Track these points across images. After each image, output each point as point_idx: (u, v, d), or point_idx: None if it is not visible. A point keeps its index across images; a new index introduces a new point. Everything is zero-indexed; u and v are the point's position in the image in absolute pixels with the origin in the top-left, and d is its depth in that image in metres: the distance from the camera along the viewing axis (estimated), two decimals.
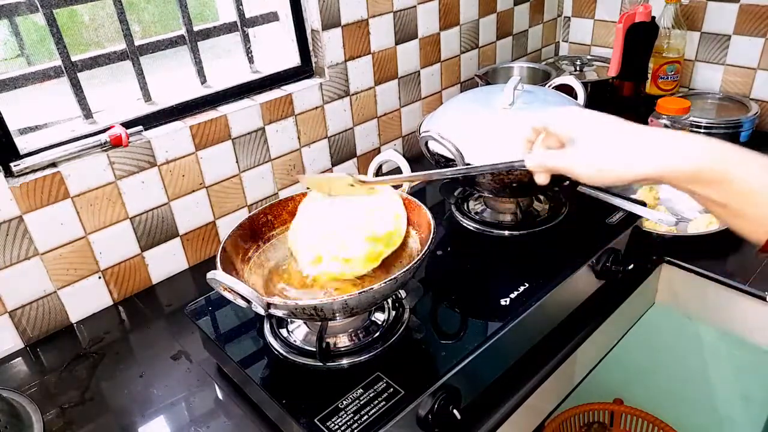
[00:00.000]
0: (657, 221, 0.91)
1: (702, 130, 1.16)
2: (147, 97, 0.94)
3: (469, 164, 0.74)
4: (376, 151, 1.23)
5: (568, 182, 0.89)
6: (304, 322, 0.72)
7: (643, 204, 0.91)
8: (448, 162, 0.81)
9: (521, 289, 0.75)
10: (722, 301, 0.89)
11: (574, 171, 0.55)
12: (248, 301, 0.58)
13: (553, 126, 0.57)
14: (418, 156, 0.99)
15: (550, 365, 0.76)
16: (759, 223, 0.46)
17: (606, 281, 0.86)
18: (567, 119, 0.56)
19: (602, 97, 1.28)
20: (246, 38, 1.04)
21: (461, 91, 1.27)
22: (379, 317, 0.72)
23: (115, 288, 0.91)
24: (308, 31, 1.05)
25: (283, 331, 0.71)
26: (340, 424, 0.58)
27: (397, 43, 1.17)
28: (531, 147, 0.61)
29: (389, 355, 0.67)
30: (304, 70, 1.08)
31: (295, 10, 1.02)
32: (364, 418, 0.59)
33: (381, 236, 0.68)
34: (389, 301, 0.74)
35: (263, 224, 0.76)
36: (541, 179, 0.60)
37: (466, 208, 0.95)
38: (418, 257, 0.62)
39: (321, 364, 0.65)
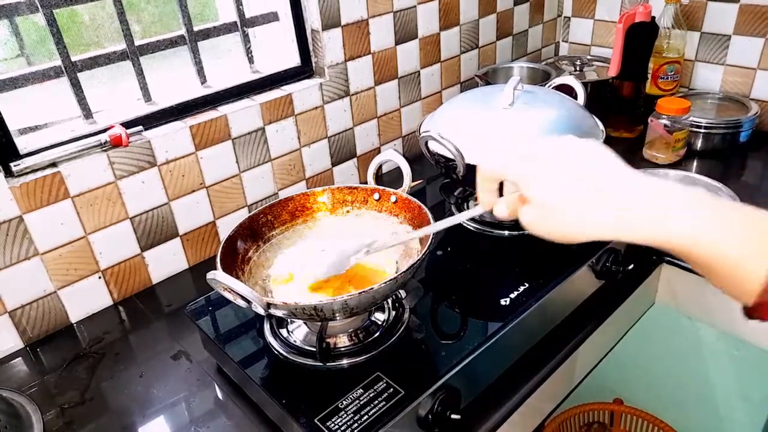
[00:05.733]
0: None
1: (702, 130, 1.16)
2: (147, 97, 0.94)
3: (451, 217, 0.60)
4: (376, 151, 1.23)
5: None
6: (304, 322, 0.72)
7: None
8: (448, 162, 0.81)
9: (521, 289, 0.75)
10: (722, 301, 0.89)
11: (538, 234, 0.47)
12: (248, 301, 0.58)
13: (509, 177, 0.48)
14: (418, 156, 0.99)
15: (550, 365, 0.76)
16: (738, 292, 0.40)
17: (606, 281, 0.86)
18: (519, 171, 0.46)
19: (602, 97, 1.28)
20: (246, 38, 1.04)
21: (461, 91, 1.27)
22: (379, 317, 0.72)
23: (115, 288, 0.91)
24: (308, 31, 1.05)
25: (283, 331, 0.71)
26: (340, 424, 0.58)
27: (397, 43, 1.17)
28: (493, 196, 0.51)
29: (389, 355, 0.67)
30: (304, 70, 1.08)
31: (295, 10, 1.02)
32: (364, 418, 0.59)
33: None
34: (389, 301, 0.74)
35: (263, 224, 0.76)
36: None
37: (466, 207, 0.95)
38: (418, 257, 0.62)
39: (321, 364, 0.65)
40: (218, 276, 0.58)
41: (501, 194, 0.51)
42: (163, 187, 0.91)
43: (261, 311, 0.59)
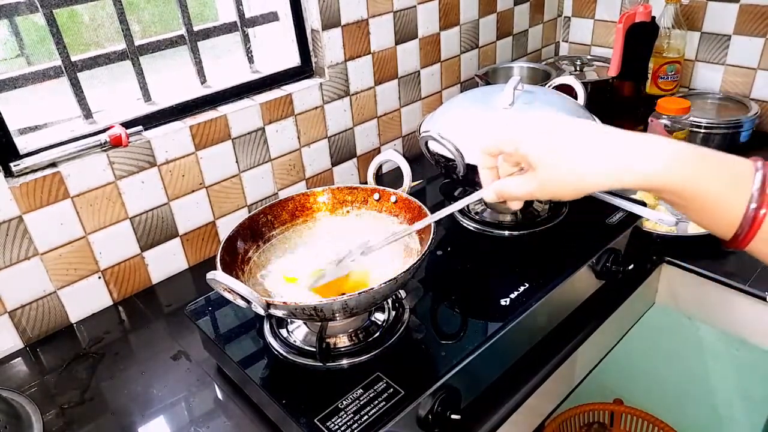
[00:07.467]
0: (657, 221, 0.91)
1: (702, 130, 1.16)
2: (147, 97, 0.94)
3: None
4: (376, 151, 1.23)
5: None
6: (304, 323, 0.72)
7: (643, 204, 0.91)
8: (448, 162, 0.81)
9: (521, 289, 0.75)
10: (722, 301, 0.89)
11: (535, 197, 0.52)
12: (248, 302, 0.58)
13: (507, 148, 0.52)
14: (418, 156, 0.99)
15: (550, 365, 0.76)
16: (718, 225, 0.47)
17: (606, 281, 0.86)
18: (517, 140, 0.51)
19: (602, 97, 1.28)
20: (246, 38, 1.04)
21: (461, 91, 1.27)
22: (379, 317, 0.72)
23: (115, 288, 0.91)
24: (308, 31, 1.05)
25: (283, 332, 0.71)
26: (340, 424, 0.58)
27: (397, 43, 1.17)
28: (493, 174, 0.56)
29: (389, 355, 0.67)
30: (304, 70, 1.08)
31: (295, 10, 1.02)
32: (364, 418, 0.59)
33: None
34: (389, 301, 0.74)
35: (263, 224, 0.76)
36: (514, 206, 0.56)
37: (466, 208, 0.95)
38: (419, 257, 0.62)
39: (321, 364, 0.65)
40: (218, 276, 0.58)
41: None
42: (162, 187, 0.91)
43: (261, 311, 0.59)
